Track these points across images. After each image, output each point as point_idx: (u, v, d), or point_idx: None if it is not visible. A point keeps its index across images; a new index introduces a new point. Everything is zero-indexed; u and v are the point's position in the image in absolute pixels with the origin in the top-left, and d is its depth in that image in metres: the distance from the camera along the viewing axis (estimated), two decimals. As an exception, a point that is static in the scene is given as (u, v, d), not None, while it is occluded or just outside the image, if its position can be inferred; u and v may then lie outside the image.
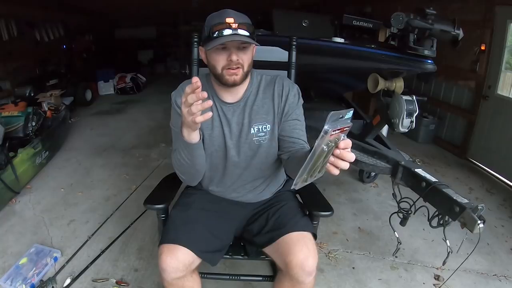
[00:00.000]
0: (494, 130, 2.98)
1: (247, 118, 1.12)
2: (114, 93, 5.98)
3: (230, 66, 1.01)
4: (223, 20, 0.97)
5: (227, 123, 1.13)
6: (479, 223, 1.17)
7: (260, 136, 1.13)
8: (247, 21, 1.01)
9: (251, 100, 1.13)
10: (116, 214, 2.21)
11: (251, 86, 1.14)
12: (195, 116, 0.82)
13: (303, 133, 1.15)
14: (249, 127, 1.12)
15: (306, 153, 0.88)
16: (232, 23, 0.96)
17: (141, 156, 3.20)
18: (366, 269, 1.78)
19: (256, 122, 1.13)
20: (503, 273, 1.78)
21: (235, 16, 0.99)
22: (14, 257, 1.76)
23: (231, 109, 1.13)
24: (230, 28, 0.96)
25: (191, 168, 1.08)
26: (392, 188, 1.73)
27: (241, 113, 1.13)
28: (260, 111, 1.13)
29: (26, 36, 4.50)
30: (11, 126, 2.70)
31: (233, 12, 1.00)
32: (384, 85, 2.03)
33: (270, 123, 1.13)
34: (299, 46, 1.56)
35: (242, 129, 1.13)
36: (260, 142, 1.14)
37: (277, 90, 1.14)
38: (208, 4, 5.34)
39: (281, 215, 1.17)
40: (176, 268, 1.02)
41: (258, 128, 1.13)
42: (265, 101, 1.13)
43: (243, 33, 0.97)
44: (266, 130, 1.13)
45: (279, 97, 1.13)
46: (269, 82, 1.16)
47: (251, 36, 0.99)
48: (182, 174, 1.13)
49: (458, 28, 1.72)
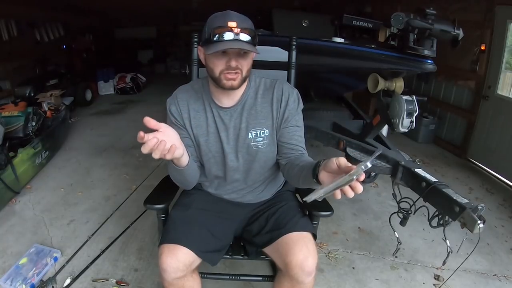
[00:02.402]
0: (494, 130, 2.98)
1: (245, 123, 1.11)
2: (114, 93, 5.98)
3: (229, 70, 0.99)
4: (225, 23, 0.95)
5: (224, 128, 1.12)
6: (479, 223, 1.17)
7: (258, 141, 1.12)
8: (249, 26, 0.98)
9: (249, 104, 1.12)
10: (116, 214, 2.21)
11: (249, 89, 1.12)
12: (163, 156, 0.83)
13: (302, 139, 1.15)
14: (247, 132, 1.11)
15: (308, 165, 0.92)
16: (234, 28, 0.94)
17: (141, 156, 3.19)
18: (366, 269, 1.78)
19: (254, 127, 1.11)
20: (503, 273, 1.78)
21: (238, 19, 0.96)
22: (14, 257, 1.76)
23: (228, 113, 1.12)
24: (231, 32, 0.94)
25: (184, 181, 1.13)
26: (392, 188, 1.73)
27: (238, 117, 1.12)
28: (259, 116, 1.12)
29: (26, 36, 4.50)
30: (11, 126, 2.70)
31: (235, 15, 0.98)
32: (384, 85, 2.03)
33: (268, 128, 1.12)
34: (299, 46, 1.56)
35: (239, 133, 1.12)
36: (258, 147, 1.13)
37: (276, 95, 1.11)
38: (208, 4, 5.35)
39: (281, 215, 1.17)
40: (176, 268, 1.02)
41: (256, 133, 1.12)
42: (264, 106, 1.12)
43: (244, 39, 0.95)
44: (264, 135, 1.12)
45: (278, 102, 1.11)
46: (268, 87, 1.14)
47: (253, 41, 0.98)
48: (176, 183, 1.17)
49: (458, 28, 1.72)
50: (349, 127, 2.40)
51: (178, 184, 1.18)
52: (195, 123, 1.12)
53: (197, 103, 1.13)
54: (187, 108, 1.12)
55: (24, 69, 4.38)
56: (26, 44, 4.51)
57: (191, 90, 1.15)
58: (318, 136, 2.27)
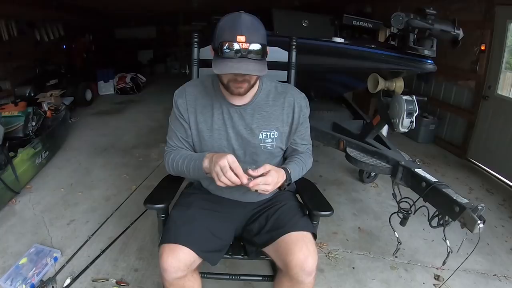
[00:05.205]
0: (494, 130, 2.98)
1: (256, 123, 1.13)
2: (114, 93, 5.98)
3: (236, 83, 1.01)
4: (234, 37, 0.93)
5: (231, 125, 1.13)
6: (479, 223, 1.17)
7: (268, 142, 1.14)
8: (259, 39, 0.96)
9: (260, 105, 1.14)
10: (116, 214, 2.21)
11: (260, 91, 1.14)
12: (218, 181, 0.98)
13: (304, 136, 1.23)
14: (258, 132, 1.13)
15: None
16: (243, 43, 0.93)
17: (141, 156, 3.20)
18: (366, 269, 1.78)
19: (265, 129, 1.13)
20: (503, 273, 1.78)
21: (248, 32, 0.94)
22: (14, 257, 1.76)
23: (238, 111, 1.13)
24: (239, 48, 0.93)
25: (188, 177, 1.17)
26: (392, 188, 1.73)
27: (249, 117, 1.13)
28: (270, 117, 1.14)
29: (26, 36, 4.50)
30: (11, 126, 2.70)
31: (246, 26, 0.95)
32: (384, 85, 2.03)
33: (278, 130, 1.15)
34: (299, 46, 1.56)
35: (249, 133, 1.13)
36: (267, 147, 1.15)
37: (288, 101, 1.15)
38: (208, 4, 5.35)
39: (281, 215, 1.17)
40: (177, 268, 1.02)
41: (266, 134, 1.14)
42: (275, 109, 1.14)
43: (252, 57, 0.95)
44: (274, 136, 1.14)
45: (290, 108, 1.15)
46: (280, 92, 1.16)
47: (262, 55, 0.97)
48: (175, 174, 1.20)
49: (458, 28, 1.72)
50: (349, 127, 2.40)
51: (173, 175, 1.21)
52: (201, 118, 1.13)
53: (205, 98, 1.14)
54: (195, 103, 1.13)
55: (24, 69, 4.37)
56: (26, 44, 4.51)
57: (201, 85, 1.16)
58: (318, 136, 2.27)
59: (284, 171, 1.08)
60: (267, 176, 1.00)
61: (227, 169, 0.96)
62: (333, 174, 2.85)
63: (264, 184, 0.99)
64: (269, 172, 1.01)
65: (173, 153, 1.17)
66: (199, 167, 1.06)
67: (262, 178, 0.99)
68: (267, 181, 0.99)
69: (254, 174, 0.99)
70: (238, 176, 0.97)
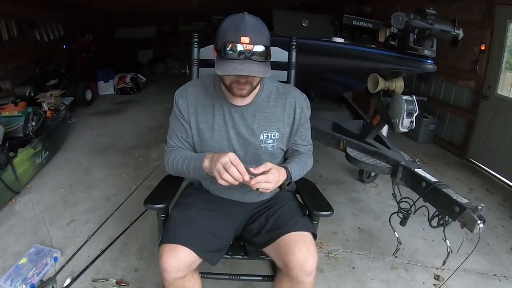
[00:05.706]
0: (494, 130, 2.98)
1: (257, 124, 1.13)
2: (114, 93, 5.98)
3: (238, 84, 1.00)
4: (238, 38, 0.92)
5: (232, 126, 1.13)
6: (479, 223, 1.17)
7: (269, 143, 1.14)
8: (263, 40, 0.96)
9: (262, 106, 1.13)
10: (116, 214, 2.21)
11: (262, 92, 1.14)
12: (220, 178, 0.97)
13: (305, 136, 1.23)
14: (259, 133, 1.13)
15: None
16: (246, 44, 0.93)
17: (141, 156, 3.20)
18: (366, 269, 1.78)
19: (266, 129, 1.13)
20: (503, 273, 1.78)
21: (251, 33, 0.93)
22: (14, 257, 1.76)
23: (239, 111, 1.12)
24: (243, 50, 0.93)
25: (188, 177, 1.16)
26: (392, 188, 1.73)
27: (250, 118, 1.13)
28: (271, 118, 1.14)
29: (26, 36, 4.50)
30: (11, 126, 2.70)
31: (250, 27, 0.94)
32: (384, 85, 2.03)
33: (279, 131, 1.15)
34: (299, 46, 1.56)
35: (251, 134, 1.13)
36: (268, 148, 1.15)
37: (289, 102, 1.15)
38: (208, 4, 5.35)
39: (281, 215, 1.17)
40: (177, 268, 1.02)
41: (267, 135, 1.14)
42: (276, 110, 1.14)
43: (256, 58, 0.94)
44: (275, 137, 1.14)
45: (291, 109, 1.15)
46: (281, 93, 1.16)
47: (266, 57, 0.96)
48: (175, 174, 1.20)
49: (458, 28, 1.72)
50: (349, 127, 2.40)
51: (173, 175, 1.21)
52: (201, 119, 1.13)
53: (206, 98, 1.14)
54: (195, 103, 1.13)
55: (24, 69, 4.37)
56: (26, 44, 4.50)
57: (202, 85, 1.16)
58: (318, 136, 2.27)
59: (285, 170, 1.08)
60: (268, 174, 0.99)
61: (229, 165, 0.95)
62: (333, 174, 2.86)
63: (266, 182, 0.99)
64: (270, 170, 1.00)
65: (173, 153, 1.17)
66: (200, 167, 1.05)
67: (264, 176, 0.99)
68: (268, 179, 0.99)
69: (255, 172, 0.98)
70: (240, 173, 0.96)
